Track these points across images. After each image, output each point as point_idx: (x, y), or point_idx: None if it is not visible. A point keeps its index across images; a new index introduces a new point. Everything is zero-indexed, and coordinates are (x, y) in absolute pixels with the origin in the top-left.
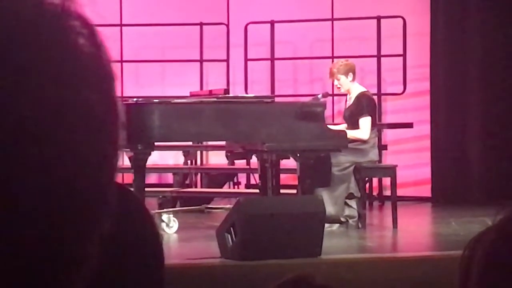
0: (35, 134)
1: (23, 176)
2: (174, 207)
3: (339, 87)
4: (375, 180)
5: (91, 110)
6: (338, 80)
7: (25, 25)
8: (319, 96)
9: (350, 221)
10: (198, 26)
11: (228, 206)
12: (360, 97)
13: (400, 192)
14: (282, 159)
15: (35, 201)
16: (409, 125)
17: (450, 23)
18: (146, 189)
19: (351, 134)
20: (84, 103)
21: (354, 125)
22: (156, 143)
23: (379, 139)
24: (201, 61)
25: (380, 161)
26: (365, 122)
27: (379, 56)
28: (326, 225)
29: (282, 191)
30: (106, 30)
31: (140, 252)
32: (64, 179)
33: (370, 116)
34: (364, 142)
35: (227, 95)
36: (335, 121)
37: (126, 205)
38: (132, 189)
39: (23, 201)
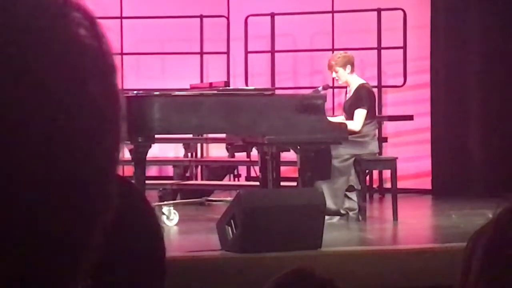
0: (36, 125)
1: (24, 167)
2: (175, 199)
3: (337, 80)
4: (375, 173)
5: (93, 101)
6: (336, 72)
7: (26, 16)
8: (320, 88)
9: (350, 213)
10: (198, 19)
11: (228, 198)
12: (360, 89)
13: (400, 184)
14: (282, 151)
15: (36, 192)
16: (409, 118)
17: (451, 15)
18: (147, 181)
19: None
20: (86, 94)
21: (353, 117)
22: (156, 136)
23: (379, 132)
24: (201, 53)
25: (380, 153)
26: (359, 113)
27: (379, 49)
28: (326, 217)
29: (282, 183)
30: (106, 23)
31: (142, 244)
32: (66, 170)
33: (367, 108)
34: (355, 133)
35: (227, 88)
36: (336, 114)
37: (127, 198)
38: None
39: (24, 193)
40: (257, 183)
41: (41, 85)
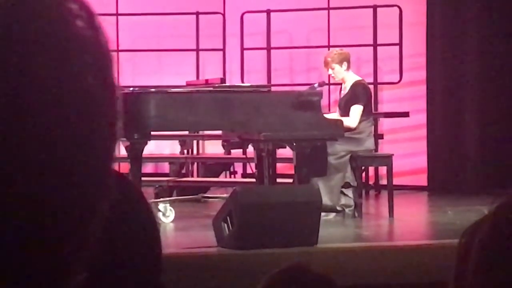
0: (33, 118)
1: (21, 160)
2: (171, 196)
3: (334, 77)
4: (371, 169)
5: (89, 93)
6: (333, 69)
7: (24, 7)
8: (316, 85)
9: (346, 210)
10: (194, 15)
11: (224, 195)
12: (355, 86)
13: (396, 181)
14: (278, 148)
15: (33, 185)
16: (405, 114)
17: (447, 12)
18: (143, 178)
19: None
20: (83, 86)
21: (349, 114)
22: (152, 133)
23: (375, 128)
24: (197, 50)
25: (376, 150)
26: (356, 110)
27: (375, 45)
28: (322, 214)
29: (278, 180)
30: (102, 19)
31: (138, 241)
32: (62, 162)
33: (363, 105)
34: (351, 130)
35: (223, 84)
36: (332, 110)
37: (124, 193)
38: None
39: (22, 184)
40: (253, 179)
41: (37, 77)
